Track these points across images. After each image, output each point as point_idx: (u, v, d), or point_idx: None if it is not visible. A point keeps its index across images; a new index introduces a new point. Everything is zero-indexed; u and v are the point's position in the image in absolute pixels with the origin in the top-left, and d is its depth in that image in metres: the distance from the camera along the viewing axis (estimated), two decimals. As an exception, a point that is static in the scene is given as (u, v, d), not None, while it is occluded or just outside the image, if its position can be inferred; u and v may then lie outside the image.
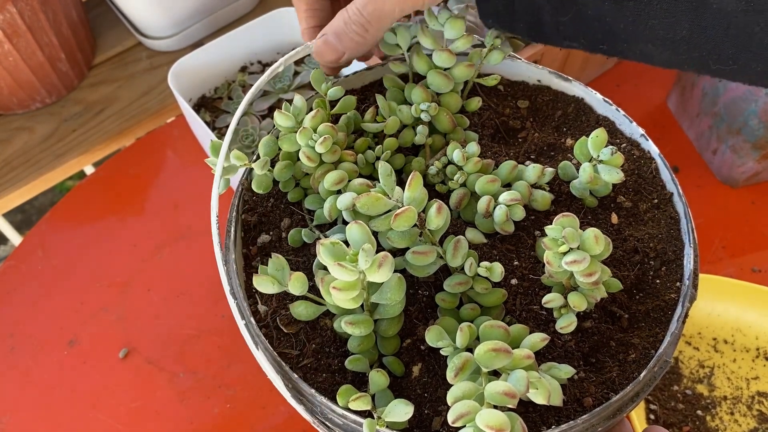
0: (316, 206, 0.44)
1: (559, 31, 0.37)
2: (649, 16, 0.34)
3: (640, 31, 0.34)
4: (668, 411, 0.58)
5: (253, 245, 0.44)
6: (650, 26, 0.34)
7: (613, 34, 0.36)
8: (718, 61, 0.33)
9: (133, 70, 0.88)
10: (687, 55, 0.34)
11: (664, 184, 0.46)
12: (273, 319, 0.41)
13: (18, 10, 0.72)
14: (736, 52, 0.32)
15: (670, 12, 0.33)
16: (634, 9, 0.34)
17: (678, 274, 0.42)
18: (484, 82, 0.48)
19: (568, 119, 0.50)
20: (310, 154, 0.41)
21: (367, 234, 0.34)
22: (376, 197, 0.36)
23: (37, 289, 0.71)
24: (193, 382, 0.64)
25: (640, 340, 0.40)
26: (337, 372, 0.39)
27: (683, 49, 0.34)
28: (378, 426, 0.35)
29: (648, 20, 0.34)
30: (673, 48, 0.34)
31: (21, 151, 0.81)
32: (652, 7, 0.33)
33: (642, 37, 0.35)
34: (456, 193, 0.43)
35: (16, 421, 0.63)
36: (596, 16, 0.35)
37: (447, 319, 0.38)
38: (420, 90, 0.45)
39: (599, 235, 0.36)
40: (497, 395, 0.31)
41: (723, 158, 0.73)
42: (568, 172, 0.45)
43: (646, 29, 0.34)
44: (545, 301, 0.38)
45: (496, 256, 0.42)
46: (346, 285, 0.34)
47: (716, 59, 0.33)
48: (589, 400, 0.37)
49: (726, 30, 0.32)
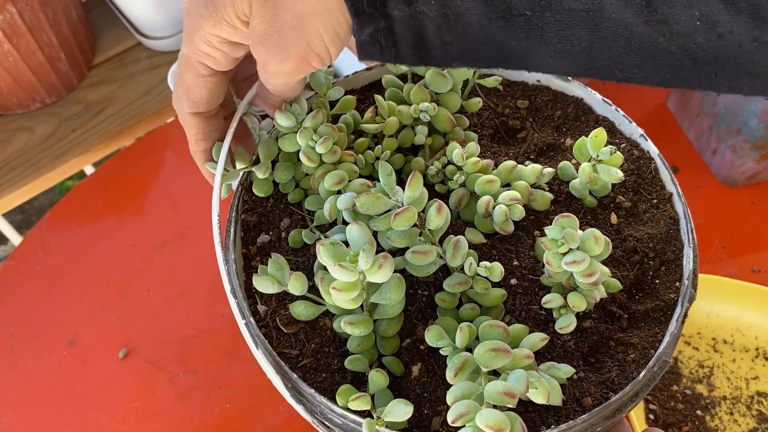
0: (317, 207, 0.44)
1: (447, 52, 0.34)
2: (542, 30, 0.31)
3: (534, 45, 0.32)
4: (668, 411, 0.58)
5: (253, 245, 0.44)
6: (545, 40, 0.32)
7: (506, 52, 0.33)
8: (623, 70, 0.32)
9: (133, 70, 0.88)
10: (590, 65, 0.32)
11: (664, 184, 0.46)
12: (273, 319, 0.41)
13: (18, 10, 0.72)
14: (641, 61, 0.31)
15: (565, 24, 0.31)
16: (524, 25, 0.32)
17: (677, 274, 0.42)
18: (484, 82, 0.48)
19: (568, 119, 0.50)
20: (311, 154, 0.41)
21: (368, 235, 0.34)
22: (376, 197, 0.36)
23: (37, 289, 0.71)
24: (193, 382, 0.64)
25: (639, 340, 0.40)
26: (337, 372, 0.39)
27: (585, 60, 0.32)
28: (377, 426, 0.35)
29: (542, 34, 0.32)
30: (573, 59, 0.32)
31: (21, 151, 0.81)
32: (545, 21, 0.31)
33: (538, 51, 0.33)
34: (455, 193, 0.43)
35: (16, 421, 0.63)
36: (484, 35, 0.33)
37: (446, 319, 0.38)
38: (419, 90, 0.45)
39: (599, 236, 0.36)
40: (497, 395, 0.31)
41: (723, 158, 0.73)
42: (567, 172, 0.45)
43: (541, 44, 0.32)
44: (545, 301, 0.38)
45: (496, 256, 0.42)
46: (346, 285, 0.34)
47: (621, 68, 0.32)
48: (589, 399, 0.38)
49: (628, 41, 0.30)
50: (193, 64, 0.37)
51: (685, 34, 0.29)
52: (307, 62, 0.35)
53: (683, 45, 0.30)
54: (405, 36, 0.34)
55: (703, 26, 0.29)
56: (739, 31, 0.29)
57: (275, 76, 0.37)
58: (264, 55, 0.35)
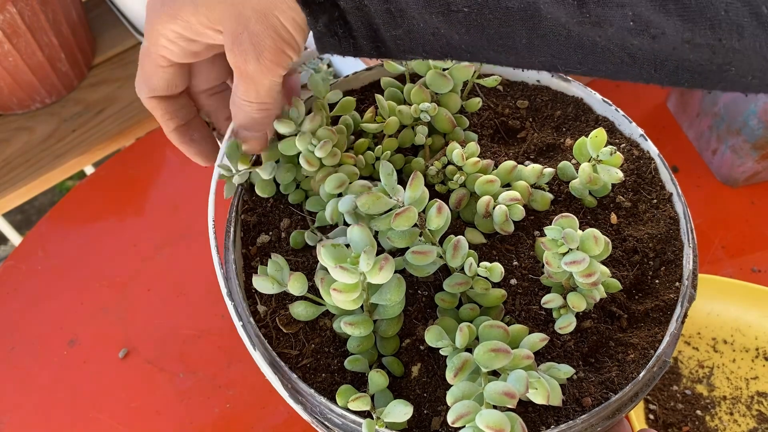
0: (318, 208, 0.44)
1: (398, 45, 0.35)
2: (483, 27, 0.32)
3: (477, 40, 0.33)
4: (667, 411, 0.58)
5: (253, 245, 0.44)
6: (487, 36, 0.32)
7: (451, 46, 0.34)
8: (566, 64, 0.32)
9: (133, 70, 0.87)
10: (534, 59, 0.33)
11: (664, 184, 0.46)
12: (272, 319, 0.41)
13: (18, 10, 0.72)
14: (582, 57, 0.32)
15: (504, 22, 0.32)
16: (464, 21, 0.32)
17: (677, 274, 0.42)
18: (484, 83, 0.48)
19: (568, 119, 0.50)
20: (310, 158, 0.41)
21: (369, 236, 0.34)
22: (377, 196, 0.36)
23: (37, 289, 0.71)
24: (193, 382, 0.64)
25: (639, 340, 0.40)
26: (337, 372, 0.39)
27: (526, 54, 0.33)
28: (377, 426, 0.35)
29: (483, 30, 0.32)
30: (516, 54, 0.33)
31: (21, 151, 0.81)
32: (483, 18, 0.32)
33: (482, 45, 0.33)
34: (455, 194, 0.43)
35: (16, 421, 0.63)
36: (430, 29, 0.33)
37: (446, 319, 0.38)
38: (419, 90, 0.45)
39: (598, 236, 0.36)
40: (497, 395, 0.31)
41: (723, 158, 0.73)
42: (567, 172, 0.45)
43: (483, 39, 0.33)
44: (544, 301, 0.38)
45: (496, 256, 0.42)
46: (346, 287, 0.34)
47: (563, 63, 0.32)
48: (589, 400, 0.38)
49: (567, 39, 0.31)
50: (151, 55, 0.39)
51: (619, 36, 0.30)
52: (282, 51, 0.35)
53: (620, 44, 0.30)
54: (358, 27, 0.34)
55: (637, 27, 0.29)
56: (670, 32, 0.29)
57: (256, 79, 0.37)
58: (240, 56, 0.35)
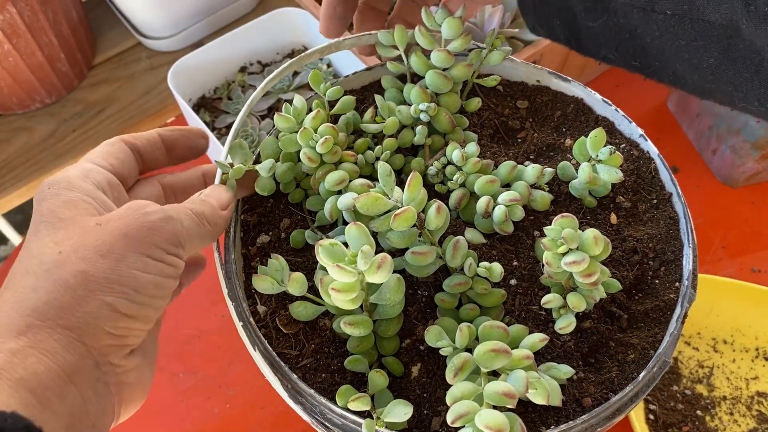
0: (317, 207, 0.44)
1: (593, 38, 0.34)
2: (677, 35, 0.31)
3: (667, 47, 0.32)
4: (668, 411, 0.58)
5: (253, 245, 0.44)
6: (677, 46, 0.31)
7: (643, 49, 0.33)
8: (744, 99, 0.31)
9: (133, 70, 0.88)
10: (714, 85, 0.31)
11: (664, 185, 0.46)
12: (272, 319, 0.41)
13: (18, 10, 0.72)
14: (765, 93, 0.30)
15: (700, 34, 0.30)
16: (662, 23, 0.31)
17: (677, 275, 0.42)
18: (483, 82, 0.48)
19: (568, 119, 0.50)
20: (311, 154, 0.41)
21: (366, 235, 0.34)
22: (376, 197, 0.36)
23: (37, 289, 0.71)
24: (193, 382, 0.64)
25: (639, 340, 0.40)
26: (337, 372, 0.39)
27: (709, 77, 0.31)
28: (377, 426, 0.35)
29: (676, 39, 0.31)
30: (698, 73, 0.32)
31: (21, 151, 0.81)
32: (682, 26, 0.31)
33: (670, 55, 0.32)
34: (455, 194, 0.43)
35: (16, 421, 0.63)
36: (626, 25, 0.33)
37: (446, 319, 0.38)
38: (419, 90, 0.45)
39: (598, 236, 0.36)
40: (496, 395, 0.31)
41: (723, 158, 0.73)
42: (567, 173, 0.45)
43: (673, 47, 0.32)
44: (544, 301, 0.38)
45: (496, 256, 0.42)
46: (345, 286, 0.34)
47: (742, 97, 0.31)
48: (589, 400, 0.38)
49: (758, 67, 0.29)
50: None
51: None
52: None
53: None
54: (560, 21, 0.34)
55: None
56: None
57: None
58: None
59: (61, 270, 0.31)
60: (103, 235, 0.32)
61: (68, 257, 0.31)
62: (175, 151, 0.42)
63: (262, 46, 0.79)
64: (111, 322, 0.31)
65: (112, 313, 0.31)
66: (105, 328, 0.31)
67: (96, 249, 0.31)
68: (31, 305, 0.30)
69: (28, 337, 0.29)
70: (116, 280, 0.31)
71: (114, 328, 0.32)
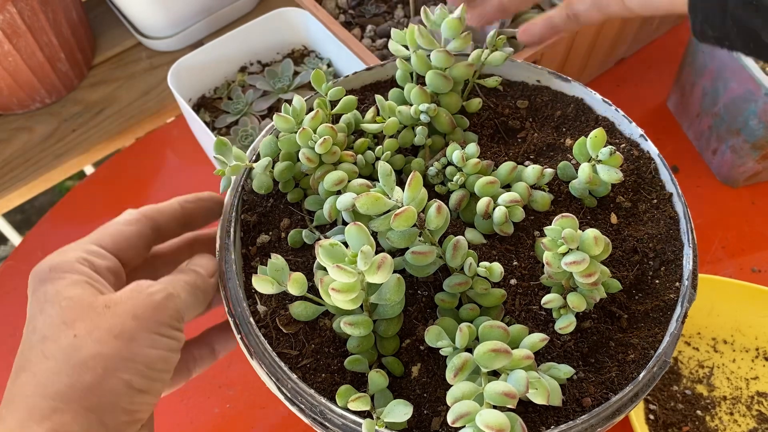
0: (316, 207, 0.44)
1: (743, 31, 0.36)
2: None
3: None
4: (668, 411, 0.58)
5: (253, 245, 0.44)
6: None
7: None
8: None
9: (133, 70, 0.88)
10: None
11: (664, 185, 0.46)
12: (272, 319, 0.41)
13: (18, 10, 0.72)
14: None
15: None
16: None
17: (677, 275, 0.42)
18: (484, 83, 0.48)
19: (568, 119, 0.50)
20: (310, 154, 0.41)
21: (366, 235, 0.34)
22: (376, 197, 0.36)
23: (37, 289, 0.71)
24: (193, 382, 0.64)
25: (639, 340, 0.40)
26: (337, 372, 0.39)
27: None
28: (377, 426, 0.35)
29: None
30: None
31: (21, 151, 0.81)
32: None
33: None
34: (455, 194, 0.43)
35: (16, 421, 0.63)
36: None
37: (446, 319, 0.38)
38: (419, 90, 0.45)
39: (598, 236, 0.36)
40: (497, 395, 0.31)
41: (723, 158, 0.73)
42: (567, 173, 0.45)
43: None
44: (544, 301, 0.38)
45: (496, 256, 0.42)
46: (345, 286, 0.34)
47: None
48: (589, 400, 0.38)
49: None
50: None
51: None
52: None
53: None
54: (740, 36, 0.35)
55: None
56: None
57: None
58: None
59: (79, 353, 0.33)
60: (114, 317, 0.35)
61: (84, 340, 0.34)
62: (190, 225, 0.45)
63: (262, 46, 0.79)
64: (128, 398, 0.34)
65: (129, 390, 0.34)
66: (122, 405, 0.34)
67: (109, 331, 0.34)
68: (55, 389, 0.33)
69: (52, 421, 0.32)
70: (131, 358, 0.34)
71: (130, 404, 0.34)
